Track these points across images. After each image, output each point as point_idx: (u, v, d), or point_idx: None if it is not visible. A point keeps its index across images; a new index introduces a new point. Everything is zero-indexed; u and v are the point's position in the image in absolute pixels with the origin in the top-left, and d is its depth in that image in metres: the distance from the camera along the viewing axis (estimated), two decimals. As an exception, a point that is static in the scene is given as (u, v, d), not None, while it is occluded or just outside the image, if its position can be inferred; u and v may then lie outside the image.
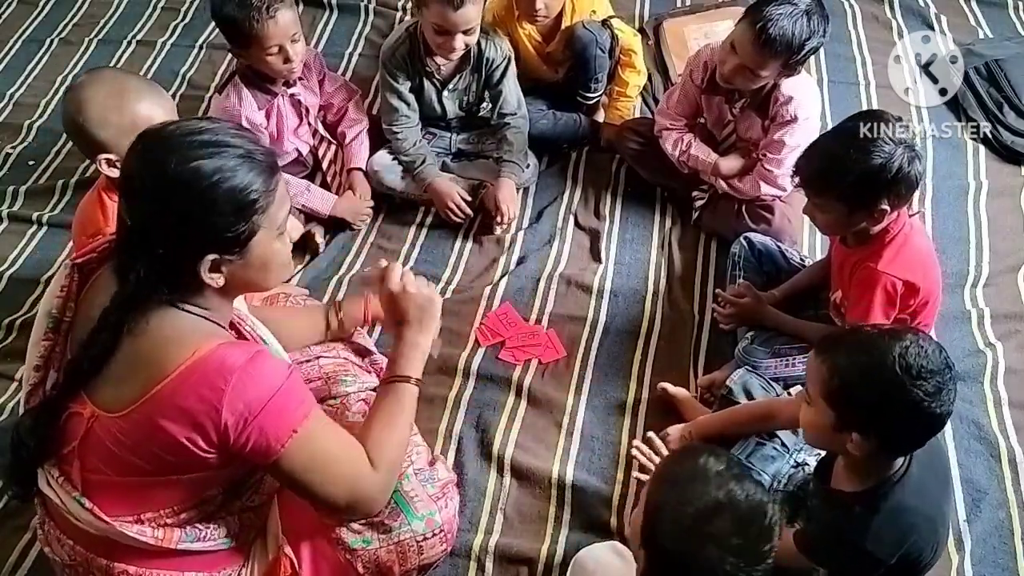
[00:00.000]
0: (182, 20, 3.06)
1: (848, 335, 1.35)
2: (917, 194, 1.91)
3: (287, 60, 2.07)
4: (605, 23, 2.34)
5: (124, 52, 2.94)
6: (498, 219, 2.25)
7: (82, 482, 1.19)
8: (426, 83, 2.27)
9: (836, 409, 1.26)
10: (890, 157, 1.53)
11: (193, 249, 1.12)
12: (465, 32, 2.08)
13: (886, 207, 1.57)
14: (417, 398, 1.40)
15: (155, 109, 1.60)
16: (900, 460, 1.32)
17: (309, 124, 2.29)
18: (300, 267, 2.21)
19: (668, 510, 1.08)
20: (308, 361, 1.64)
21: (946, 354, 1.26)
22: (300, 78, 2.20)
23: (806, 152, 1.68)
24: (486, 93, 2.32)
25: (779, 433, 1.65)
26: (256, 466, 1.24)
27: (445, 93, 2.30)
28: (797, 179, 1.69)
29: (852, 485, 1.35)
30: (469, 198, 2.28)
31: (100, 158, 1.62)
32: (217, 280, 1.15)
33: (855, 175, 1.54)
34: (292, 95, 2.21)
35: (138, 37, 3.00)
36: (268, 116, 2.18)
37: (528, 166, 2.35)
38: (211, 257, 1.13)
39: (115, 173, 1.64)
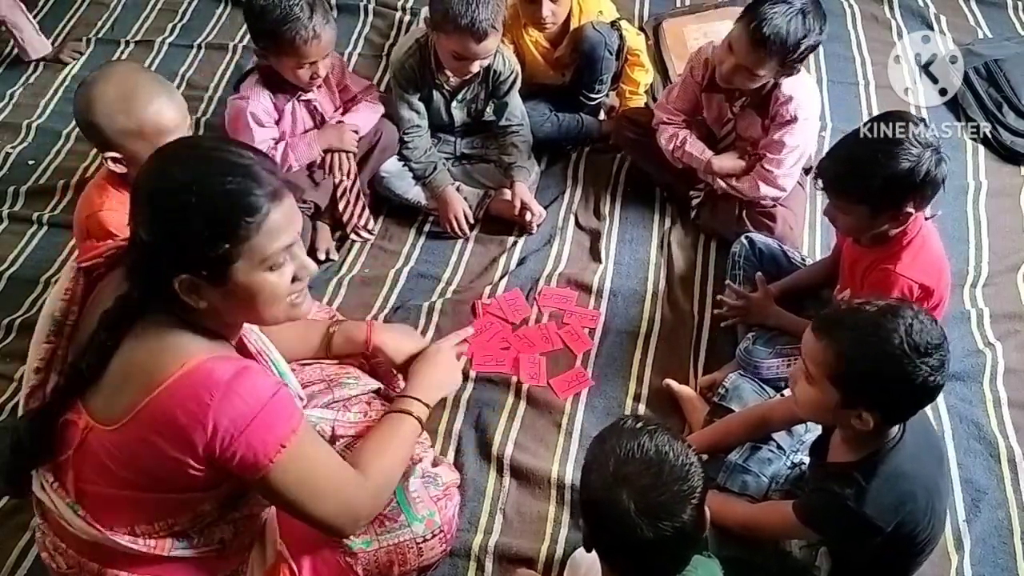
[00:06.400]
0: (180, 20, 3.05)
1: (848, 316, 1.32)
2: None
3: (314, 76, 2.05)
4: (614, 24, 2.34)
5: (122, 52, 2.93)
6: (528, 217, 2.25)
7: (75, 492, 1.18)
8: (435, 94, 2.27)
9: (843, 390, 1.28)
10: (918, 160, 1.50)
11: (166, 264, 1.09)
12: (483, 58, 2.09)
13: (911, 210, 1.55)
14: (418, 434, 1.44)
15: (164, 111, 1.58)
16: (895, 429, 1.34)
17: None
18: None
19: (594, 464, 1.17)
20: (309, 364, 1.62)
21: (939, 324, 1.28)
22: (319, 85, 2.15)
23: (829, 154, 1.65)
24: (492, 102, 2.32)
25: (774, 435, 1.64)
26: (246, 483, 1.20)
27: (454, 104, 2.30)
28: (820, 183, 1.64)
29: (848, 456, 1.37)
30: (472, 220, 2.28)
31: (107, 155, 1.61)
32: (197, 302, 1.12)
33: (882, 179, 1.52)
34: (308, 101, 2.17)
35: (136, 37, 2.99)
36: (280, 118, 2.15)
37: (533, 171, 2.35)
38: (184, 277, 1.09)
39: (121, 169, 1.63)
